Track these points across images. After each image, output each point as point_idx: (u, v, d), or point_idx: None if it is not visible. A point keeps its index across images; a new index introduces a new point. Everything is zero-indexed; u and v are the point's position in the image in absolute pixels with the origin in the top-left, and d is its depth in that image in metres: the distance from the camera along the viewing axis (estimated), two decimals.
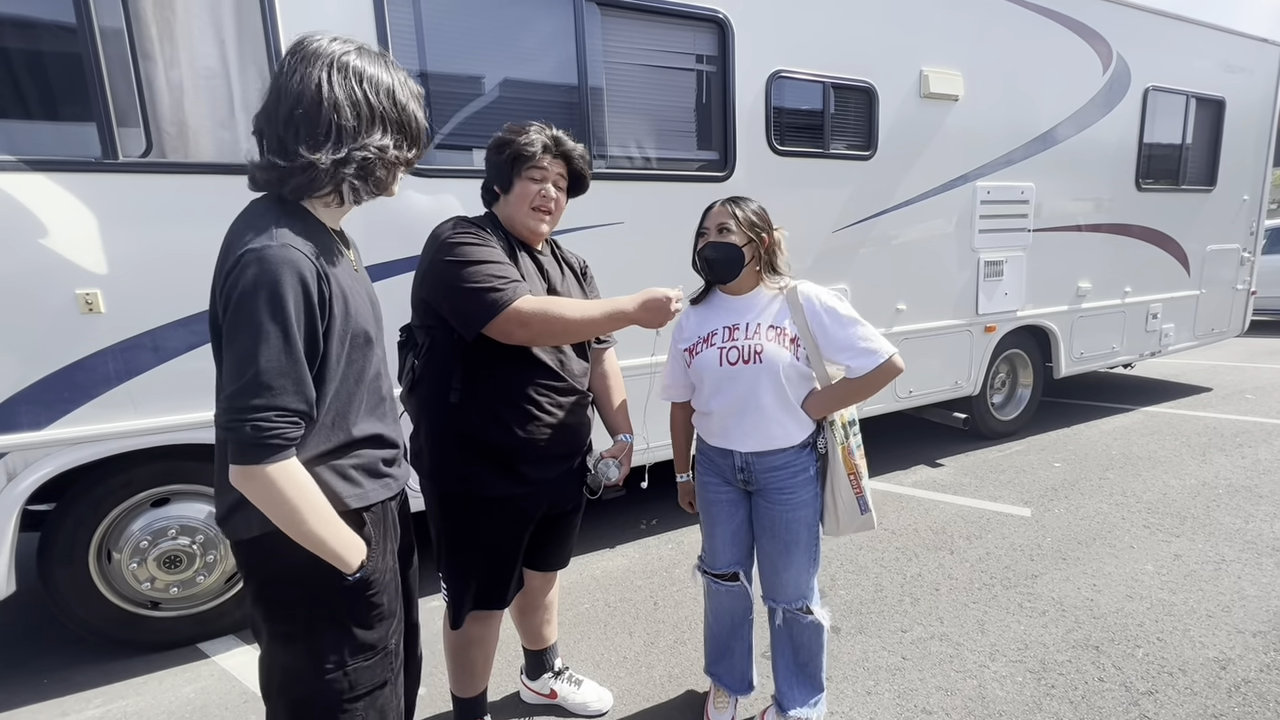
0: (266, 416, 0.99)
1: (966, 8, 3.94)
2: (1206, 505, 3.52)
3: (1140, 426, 4.99)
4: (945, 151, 4.00)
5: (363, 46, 1.12)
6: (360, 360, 1.15)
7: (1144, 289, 5.19)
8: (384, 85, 1.11)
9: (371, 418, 1.19)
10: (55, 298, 2.15)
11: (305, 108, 1.06)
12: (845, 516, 1.80)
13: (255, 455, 0.99)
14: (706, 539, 1.94)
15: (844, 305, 1.72)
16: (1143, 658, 2.29)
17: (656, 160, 3.18)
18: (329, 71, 1.07)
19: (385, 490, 1.21)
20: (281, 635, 1.16)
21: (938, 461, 4.40)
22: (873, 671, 2.27)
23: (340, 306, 1.09)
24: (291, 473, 1.03)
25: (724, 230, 1.72)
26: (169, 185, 2.27)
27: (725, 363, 1.71)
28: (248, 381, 0.98)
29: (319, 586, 1.11)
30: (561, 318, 1.48)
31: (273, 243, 1.01)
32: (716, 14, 3.14)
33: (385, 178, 1.14)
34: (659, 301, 1.55)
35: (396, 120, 1.13)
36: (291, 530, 1.04)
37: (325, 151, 1.06)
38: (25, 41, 2.12)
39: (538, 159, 1.60)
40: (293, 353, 1.01)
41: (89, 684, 2.38)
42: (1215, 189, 5.46)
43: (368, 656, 1.17)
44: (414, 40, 2.60)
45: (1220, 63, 5.26)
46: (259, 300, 0.99)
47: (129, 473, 2.39)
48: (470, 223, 1.58)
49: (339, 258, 1.14)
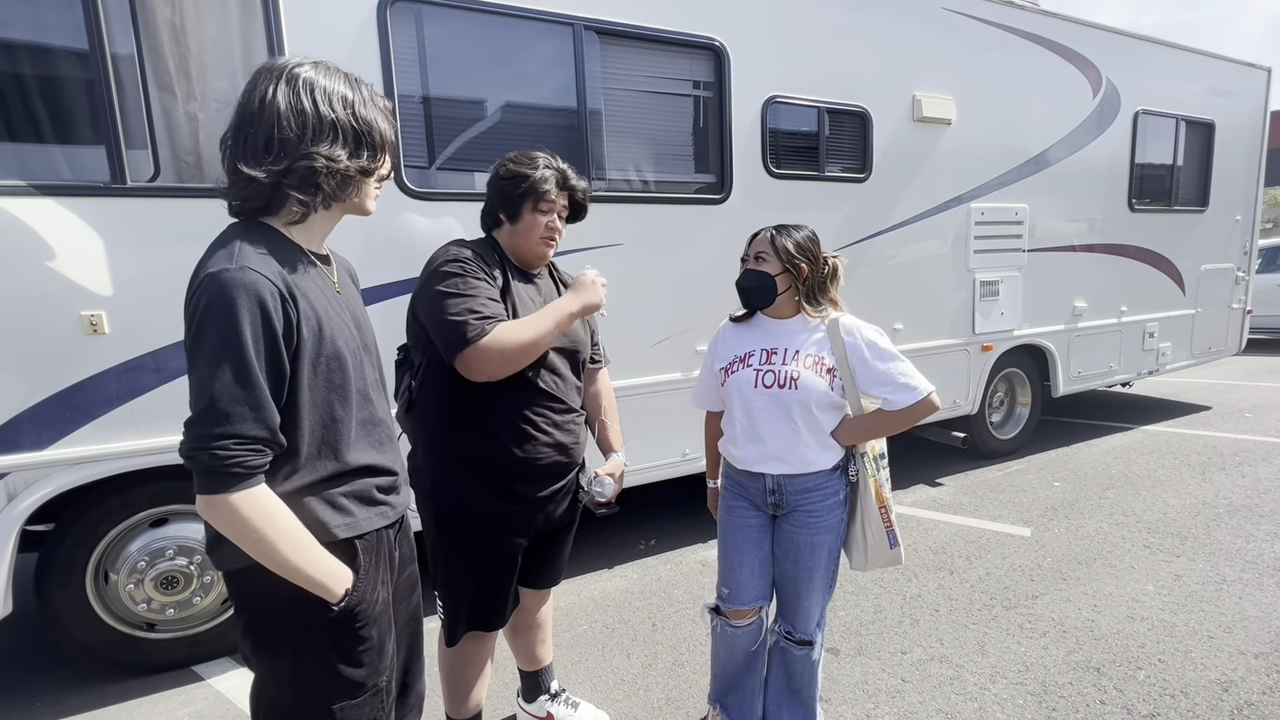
0: (224, 445, 0.96)
1: (958, 35, 4.03)
2: (1207, 525, 3.51)
3: (1140, 445, 4.99)
4: (939, 174, 4.06)
5: (323, 63, 1.10)
6: (342, 383, 1.11)
7: (1140, 308, 5.23)
8: (339, 95, 1.08)
9: (366, 445, 1.16)
10: (61, 319, 2.18)
11: (249, 121, 1.05)
12: (874, 550, 1.79)
13: (216, 484, 0.97)
14: (729, 571, 1.85)
15: (884, 340, 1.73)
16: (1144, 679, 2.27)
17: (655, 183, 3.24)
18: (276, 84, 1.05)
19: (381, 518, 1.17)
20: (270, 669, 1.13)
21: (937, 481, 4.39)
22: (872, 694, 2.25)
23: (311, 327, 1.06)
24: (257, 501, 0.99)
25: (760, 258, 1.75)
26: (175, 209, 2.32)
27: (760, 385, 1.72)
28: (204, 409, 0.96)
29: (304, 619, 1.08)
30: (516, 343, 1.51)
31: (230, 265, 0.98)
32: (713, 42, 3.22)
33: (335, 189, 1.09)
34: (583, 282, 1.67)
35: (352, 129, 1.09)
36: (265, 559, 1.01)
37: (264, 165, 1.03)
38: (38, 67, 2.18)
39: (552, 194, 1.66)
40: (249, 379, 0.97)
41: (82, 707, 2.35)
42: (1208, 209, 5.53)
43: (355, 695, 1.13)
44: (417, 67, 2.66)
45: (1209, 86, 5.37)
46: (212, 325, 0.96)
47: (128, 493, 2.39)
48: (466, 250, 1.61)
49: (313, 279, 1.10)
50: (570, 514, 1.84)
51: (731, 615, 1.86)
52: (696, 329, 3.29)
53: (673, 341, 3.29)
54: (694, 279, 3.27)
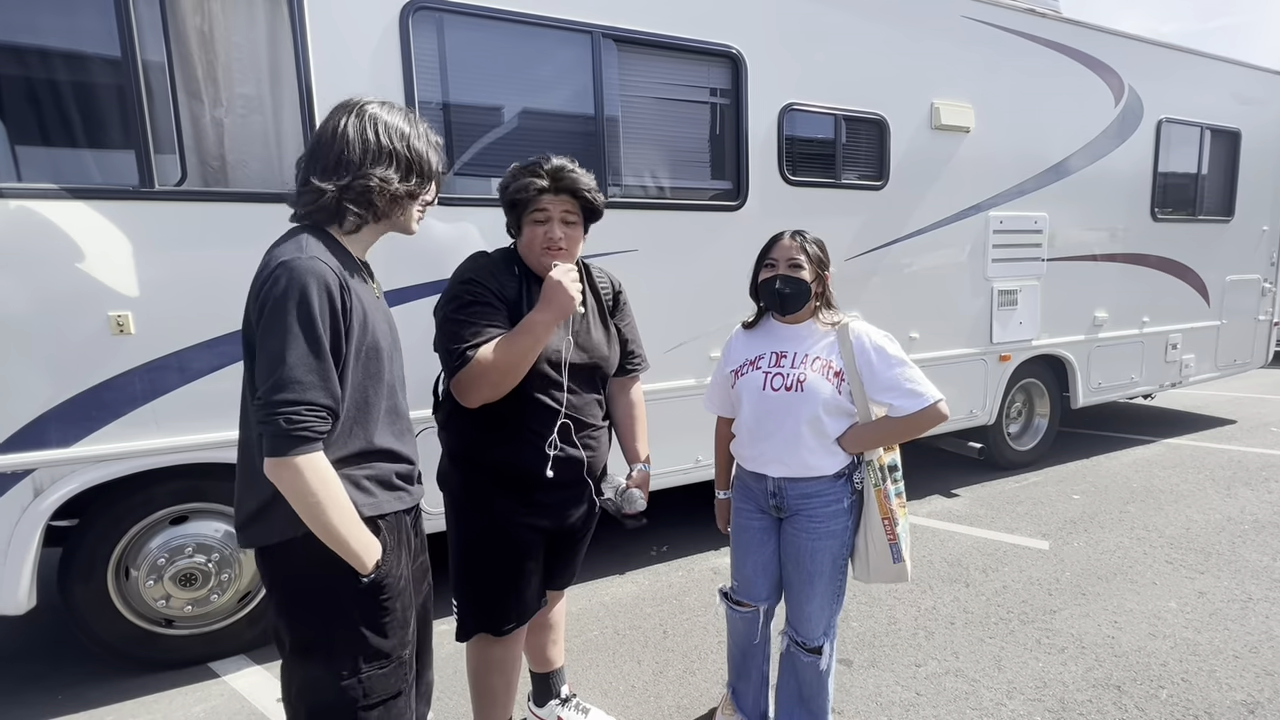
0: (297, 410, 1.07)
1: (977, 42, 4.01)
2: (1231, 541, 3.43)
3: (1162, 459, 4.89)
4: (957, 182, 4.03)
5: (389, 102, 1.29)
6: (377, 371, 1.24)
7: (1162, 319, 5.14)
8: (397, 129, 1.25)
9: (388, 433, 1.27)
10: (89, 319, 2.23)
11: (323, 144, 1.23)
12: (876, 563, 1.78)
13: (286, 446, 1.07)
14: (737, 568, 1.93)
15: (893, 346, 1.73)
16: (1166, 699, 2.22)
17: (671, 190, 3.25)
18: (348, 116, 1.23)
19: (399, 502, 1.28)
20: (300, 643, 1.21)
21: (953, 492, 4.34)
22: (885, 707, 2.22)
23: (359, 318, 1.19)
24: (318, 466, 1.10)
25: (795, 265, 1.74)
26: (200, 213, 2.36)
27: (769, 388, 1.74)
28: (279, 378, 1.07)
29: (335, 590, 1.17)
30: (495, 368, 1.49)
31: (301, 255, 1.13)
32: (730, 49, 3.22)
33: (385, 206, 1.25)
34: (548, 288, 1.50)
35: (405, 158, 1.25)
36: (315, 523, 1.11)
37: (332, 180, 1.20)
38: (72, 74, 2.23)
39: (538, 203, 1.59)
40: (319, 352, 1.09)
41: (101, 700, 2.39)
42: (1233, 219, 5.43)
43: (381, 665, 1.22)
44: (437, 74, 2.70)
45: (1234, 94, 5.28)
46: (288, 305, 1.09)
47: (150, 490, 2.43)
48: (479, 265, 1.63)
49: (362, 280, 1.25)
50: (588, 520, 1.84)
51: (737, 602, 1.94)
52: (710, 335, 3.28)
53: (686, 348, 3.28)
54: (709, 286, 3.27)
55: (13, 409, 2.17)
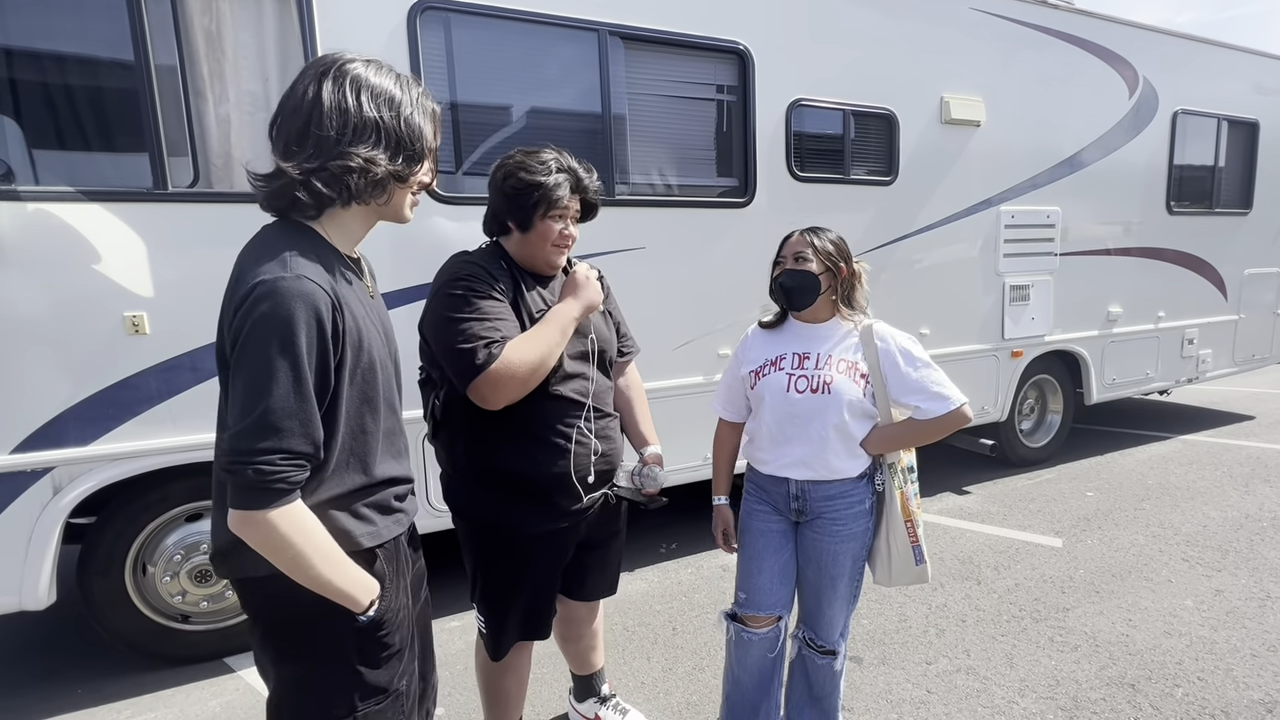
0: (270, 460, 0.92)
1: (987, 35, 3.96)
2: (1250, 539, 3.37)
3: (1178, 455, 4.83)
4: (968, 176, 3.99)
5: (375, 60, 1.05)
6: (373, 395, 1.09)
7: (1178, 313, 5.07)
8: (386, 95, 1.03)
9: (389, 457, 1.14)
10: (105, 320, 2.26)
11: (288, 116, 1.01)
12: (898, 566, 1.75)
13: (258, 500, 0.93)
14: (748, 577, 1.81)
15: (918, 348, 1.71)
16: (1182, 698, 2.19)
17: (678, 186, 3.24)
18: (322, 80, 1.00)
19: (397, 526, 1.17)
20: (290, 678, 1.10)
21: (965, 489, 4.31)
22: (896, 704, 2.22)
23: (353, 339, 1.03)
24: (295, 517, 0.96)
25: (801, 259, 1.71)
26: (213, 214, 2.39)
27: (793, 389, 1.69)
28: (253, 422, 0.92)
29: (329, 627, 1.05)
30: (526, 364, 1.44)
31: (287, 274, 0.95)
32: (737, 45, 3.21)
33: (362, 189, 1.03)
34: (577, 281, 1.59)
35: (394, 133, 1.04)
36: (295, 574, 0.98)
37: (297, 161, 0.99)
38: (86, 78, 2.27)
39: (565, 202, 1.57)
40: (302, 392, 0.94)
41: (119, 695, 2.43)
42: (1252, 212, 5.33)
43: (378, 700, 1.11)
44: (446, 73, 2.71)
45: (1252, 85, 5.19)
46: (271, 336, 0.93)
47: (166, 488, 2.47)
48: (470, 265, 1.55)
49: (352, 285, 1.08)
50: (614, 521, 1.80)
51: (748, 621, 1.82)
52: (719, 332, 3.28)
53: (695, 345, 3.28)
54: (717, 282, 3.26)
55: (32, 408, 2.20)
